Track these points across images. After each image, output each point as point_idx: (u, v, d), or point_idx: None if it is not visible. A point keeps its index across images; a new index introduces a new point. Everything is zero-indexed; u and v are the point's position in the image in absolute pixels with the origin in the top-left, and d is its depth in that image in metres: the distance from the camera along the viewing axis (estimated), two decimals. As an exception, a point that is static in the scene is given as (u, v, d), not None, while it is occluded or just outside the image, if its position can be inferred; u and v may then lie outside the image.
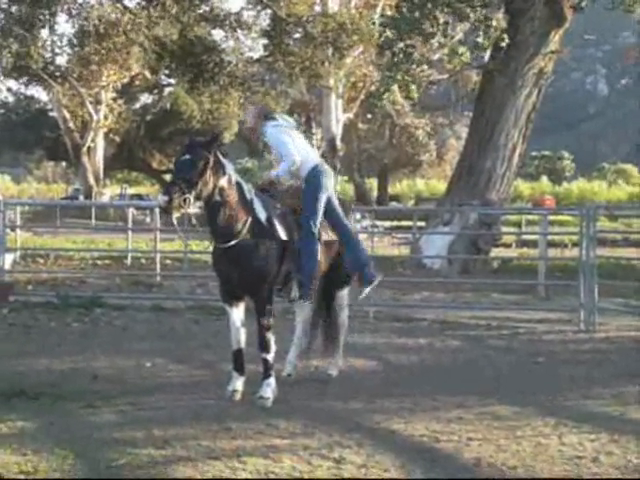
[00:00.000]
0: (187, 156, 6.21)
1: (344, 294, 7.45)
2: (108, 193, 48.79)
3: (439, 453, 5.42)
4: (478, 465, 5.18)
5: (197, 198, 6.19)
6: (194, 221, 6.67)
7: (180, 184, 6.08)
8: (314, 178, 6.82)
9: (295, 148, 6.79)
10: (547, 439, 5.71)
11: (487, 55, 19.01)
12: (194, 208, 6.38)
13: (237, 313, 6.66)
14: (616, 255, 17.02)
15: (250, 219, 6.43)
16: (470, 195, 18.19)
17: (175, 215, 6.20)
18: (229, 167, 6.45)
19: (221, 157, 6.38)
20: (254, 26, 32.37)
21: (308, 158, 6.89)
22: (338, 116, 35.32)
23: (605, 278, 12.09)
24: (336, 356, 7.49)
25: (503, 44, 17.86)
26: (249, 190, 6.57)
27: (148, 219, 32.88)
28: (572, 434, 5.83)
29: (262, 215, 6.55)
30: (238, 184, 6.46)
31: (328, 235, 6.98)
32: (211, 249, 6.68)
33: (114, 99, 42.16)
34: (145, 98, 49.95)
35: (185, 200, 6.06)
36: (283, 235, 6.59)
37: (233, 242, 6.34)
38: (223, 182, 6.32)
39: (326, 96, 34.50)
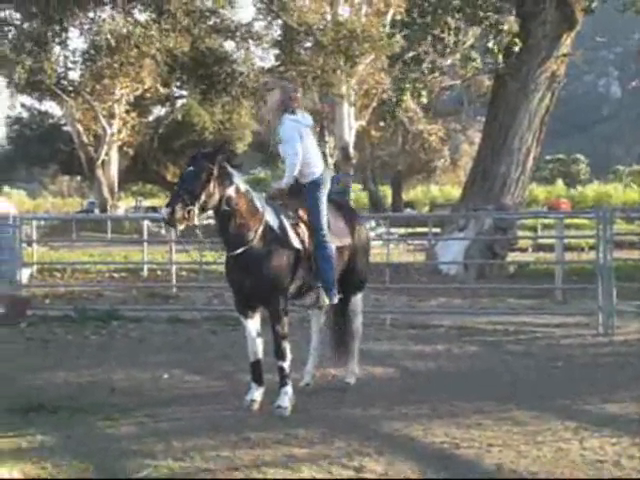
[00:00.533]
0: (190, 168, 6.24)
1: (358, 300, 7.45)
2: (123, 206, 49.04)
3: (460, 460, 5.40)
4: (500, 471, 5.15)
5: (202, 209, 6.19)
6: (198, 232, 6.67)
7: (183, 196, 6.08)
8: (317, 186, 6.82)
9: (300, 149, 6.73)
10: (568, 444, 5.68)
11: (499, 60, 18.98)
12: (202, 219, 6.38)
13: (252, 324, 6.67)
14: (634, 257, 16.93)
15: (262, 227, 6.44)
16: (485, 200, 18.15)
17: (179, 227, 6.20)
18: (236, 176, 6.45)
19: (228, 167, 6.39)
20: (265, 36, 32.44)
21: (311, 162, 6.87)
22: (351, 124, 35.28)
23: (623, 281, 12.02)
24: (352, 364, 7.47)
25: (515, 48, 17.85)
26: (259, 198, 6.58)
27: (163, 231, 32.97)
28: (593, 438, 5.79)
29: (274, 223, 6.55)
30: (247, 193, 6.46)
31: (340, 241, 6.98)
32: (224, 259, 6.69)
33: (127, 112, 42.34)
34: (158, 111, 50.17)
35: (189, 212, 6.06)
36: (296, 243, 6.59)
37: (243, 249, 6.34)
38: (230, 192, 6.32)
39: (338, 104, 34.48)
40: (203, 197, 6.14)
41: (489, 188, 18.44)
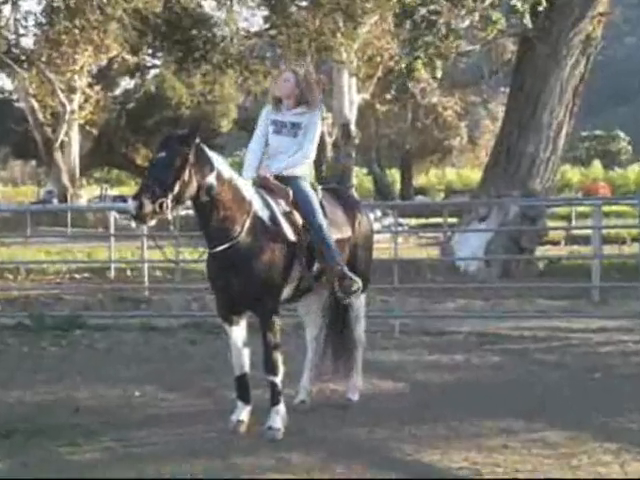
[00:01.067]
0: (162, 154, 6.20)
1: (361, 302, 7.45)
2: (86, 195, 49.01)
3: (481, 488, 5.42)
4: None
5: (177, 201, 6.18)
6: (172, 228, 6.65)
7: (153, 186, 6.06)
8: (298, 177, 6.94)
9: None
10: (607, 468, 5.70)
11: (525, 20, 18.97)
12: (177, 212, 6.37)
13: (238, 332, 6.67)
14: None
15: (249, 219, 6.44)
16: (509, 185, 18.16)
17: (150, 223, 6.19)
18: (219, 161, 6.45)
19: (207, 150, 6.40)
20: (251, -6, 32.42)
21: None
22: (352, 97, 35.34)
23: (671, 277, 12.04)
24: (354, 377, 7.49)
25: (543, 6, 17.84)
26: (246, 185, 6.58)
27: (133, 224, 32.93)
28: (636, 461, 5.82)
29: (264, 213, 6.55)
30: (231, 179, 6.46)
31: (339, 232, 6.99)
32: (205, 257, 6.69)
33: (90, 85, 42.31)
34: (126, 83, 50.25)
35: (161, 205, 6.05)
36: (291, 235, 6.60)
37: (227, 245, 6.35)
38: (211, 179, 6.32)
39: (338, 74, 34.52)
40: (177, 187, 6.12)
41: (514, 171, 18.44)
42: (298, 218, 6.72)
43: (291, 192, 6.80)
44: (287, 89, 6.95)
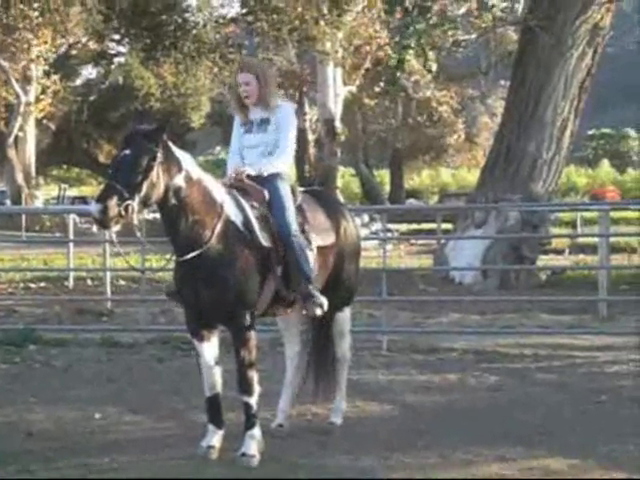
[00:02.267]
0: (127, 151, 6.17)
1: (345, 316, 7.47)
2: (42, 196, 48.84)
3: (475, 521, 5.44)
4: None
5: (144, 204, 6.17)
6: (138, 234, 6.65)
7: (118, 187, 6.03)
8: (277, 175, 6.96)
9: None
10: (614, 500, 5.73)
11: (526, 7, 19.07)
12: (143, 215, 6.36)
13: (209, 348, 6.66)
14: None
15: (220, 223, 6.43)
16: (509, 188, 18.23)
17: (114, 228, 6.18)
18: (187, 161, 6.45)
19: (175, 148, 6.40)
20: (227, -24, 32.48)
21: None
22: (337, 90, 35.37)
23: (685, 291, 12.12)
24: (338, 399, 7.49)
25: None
26: (217, 187, 6.58)
27: (95, 229, 32.87)
28: (646, 493, 5.85)
29: (237, 218, 6.55)
30: (200, 181, 6.47)
31: (321, 239, 7.01)
32: (173, 265, 6.68)
33: (47, 74, 42.19)
34: (88, 72, 50.12)
35: (127, 208, 6.04)
36: (265, 241, 6.60)
37: (196, 252, 6.34)
38: (179, 180, 6.32)
39: (322, 65, 34.53)
40: (144, 189, 6.10)
41: (515, 172, 18.53)
42: (274, 222, 6.74)
43: (267, 193, 6.82)
44: (251, 92, 6.98)
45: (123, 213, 6.00)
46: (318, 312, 6.84)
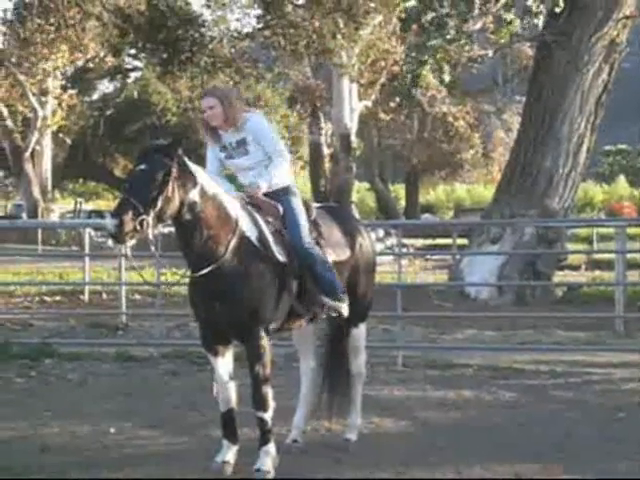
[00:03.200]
0: (142, 166, 6.18)
1: (360, 332, 7.45)
2: (59, 210, 49.00)
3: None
4: None
5: (159, 219, 6.17)
6: (153, 248, 6.65)
7: (133, 202, 6.03)
8: (288, 191, 6.99)
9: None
10: (631, 519, 5.69)
11: (543, 23, 19.07)
12: (158, 231, 6.35)
13: (224, 363, 6.66)
14: None
15: (235, 239, 6.43)
16: (525, 203, 18.21)
17: (130, 243, 6.18)
18: (202, 175, 6.46)
19: (190, 164, 6.40)
20: (244, -9, 32.57)
21: None
22: (353, 104, 35.37)
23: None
24: (353, 415, 7.48)
25: (558, 9, 17.93)
26: (232, 202, 6.58)
27: (110, 243, 32.93)
28: (663, 512, 5.81)
29: (252, 233, 6.55)
30: (215, 196, 6.47)
31: (336, 254, 7.01)
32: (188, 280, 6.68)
33: (64, 89, 42.37)
34: (104, 87, 50.30)
35: (142, 223, 6.04)
36: (281, 257, 6.60)
37: (211, 267, 6.34)
38: (194, 195, 6.32)
39: (337, 79, 34.58)
40: (160, 203, 6.11)
41: (530, 188, 18.50)
42: (289, 237, 6.74)
43: (281, 208, 6.83)
44: (216, 116, 6.96)
45: (138, 228, 6.00)
46: (344, 311, 6.86)
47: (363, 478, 6.40)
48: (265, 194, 6.86)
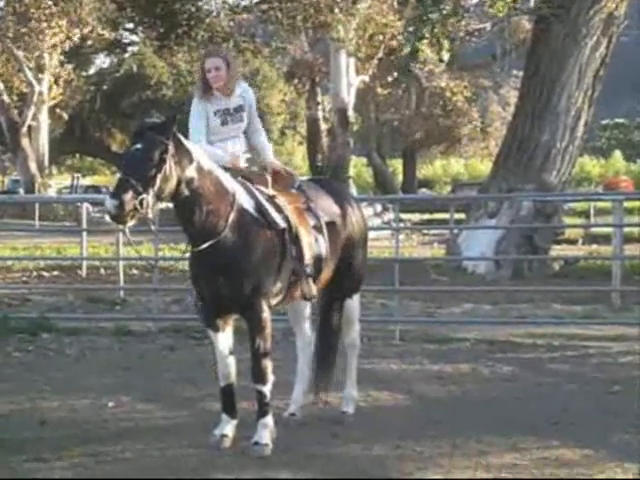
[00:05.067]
0: (138, 145, 6.16)
1: (354, 304, 7.46)
2: (55, 185, 48.93)
3: (488, 511, 5.44)
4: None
5: (158, 197, 6.15)
6: (153, 227, 6.66)
7: (132, 182, 6.02)
8: None
9: None
10: (627, 490, 5.72)
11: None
12: (157, 208, 6.35)
13: (224, 338, 6.67)
14: None
15: (234, 212, 6.43)
16: (522, 178, 18.19)
17: (130, 223, 6.18)
18: (197, 151, 6.45)
19: (184, 140, 6.39)
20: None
21: None
22: (350, 79, 35.30)
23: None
24: (349, 388, 7.50)
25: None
26: (228, 176, 6.58)
27: (107, 218, 32.88)
28: (659, 484, 5.83)
29: (249, 204, 6.55)
30: (211, 171, 6.46)
31: (329, 216, 7.04)
32: (188, 255, 6.68)
33: (61, 64, 42.19)
34: (101, 62, 50.12)
35: (142, 202, 6.03)
36: (281, 221, 6.60)
37: (212, 241, 6.34)
38: (191, 172, 6.31)
39: (335, 53, 34.48)
40: (158, 182, 6.09)
41: (528, 162, 18.47)
42: (283, 201, 6.74)
43: (269, 177, 6.92)
44: (221, 78, 6.96)
45: (138, 207, 6.00)
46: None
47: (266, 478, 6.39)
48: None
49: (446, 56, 19.92)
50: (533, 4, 19.55)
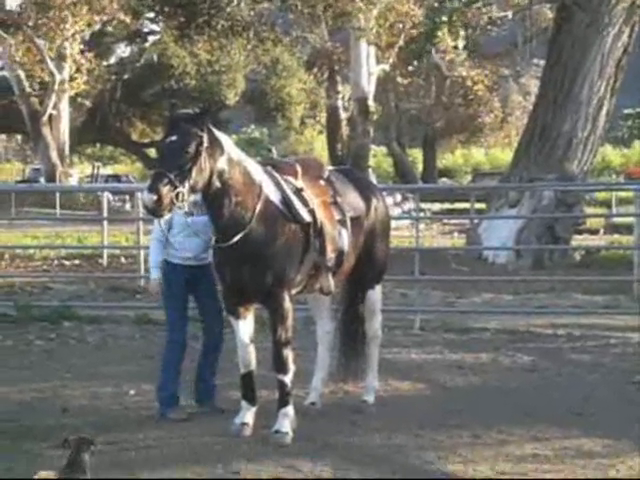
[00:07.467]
0: (174, 137, 6.16)
1: (376, 295, 7.47)
2: (76, 174, 49.05)
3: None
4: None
5: (193, 190, 6.16)
6: (189, 219, 6.74)
7: (169, 176, 6.03)
8: None
9: None
10: (648, 481, 5.71)
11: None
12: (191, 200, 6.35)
13: (245, 326, 6.70)
14: None
15: (260, 204, 6.43)
16: (544, 167, 18.11)
17: (167, 216, 6.21)
18: (227, 143, 6.45)
19: (216, 132, 6.39)
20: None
21: None
22: (370, 68, 35.30)
23: None
24: (370, 377, 7.51)
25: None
26: (255, 167, 6.58)
27: (128, 206, 33.01)
28: (680, 474, 5.81)
29: (275, 197, 6.55)
30: (240, 162, 6.46)
31: (353, 210, 7.02)
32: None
33: (82, 53, 42.21)
34: (122, 51, 50.11)
35: (178, 195, 6.03)
36: (306, 216, 6.59)
37: (240, 235, 6.34)
38: (222, 163, 6.31)
39: (355, 43, 34.46)
40: (194, 175, 6.10)
41: (549, 152, 18.39)
42: (310, 195, 6.73)
43: (299, 167, 6.86)
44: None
45: (175, 201, 6.01)
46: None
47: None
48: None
49: (461, 44, 19.83)
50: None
